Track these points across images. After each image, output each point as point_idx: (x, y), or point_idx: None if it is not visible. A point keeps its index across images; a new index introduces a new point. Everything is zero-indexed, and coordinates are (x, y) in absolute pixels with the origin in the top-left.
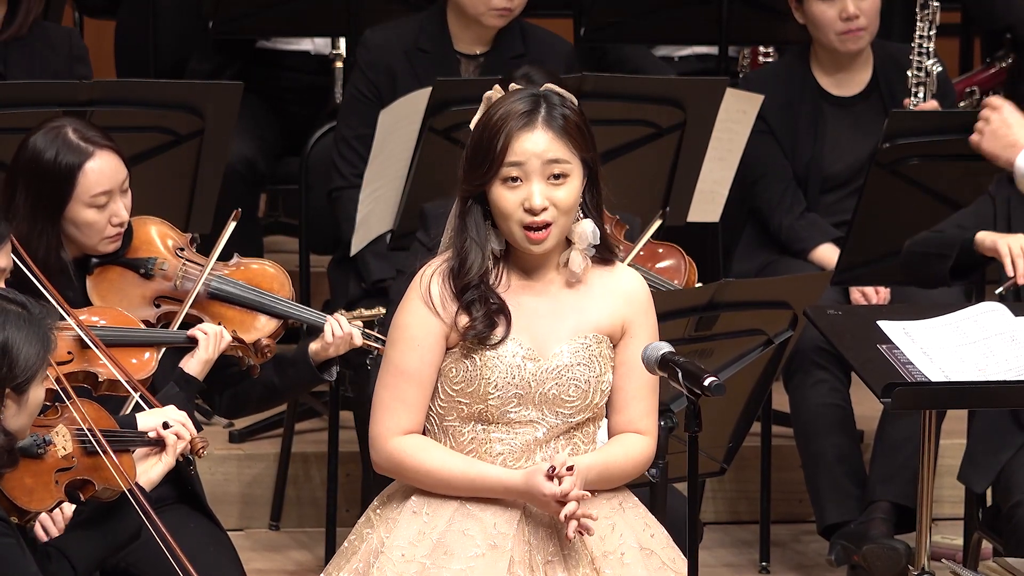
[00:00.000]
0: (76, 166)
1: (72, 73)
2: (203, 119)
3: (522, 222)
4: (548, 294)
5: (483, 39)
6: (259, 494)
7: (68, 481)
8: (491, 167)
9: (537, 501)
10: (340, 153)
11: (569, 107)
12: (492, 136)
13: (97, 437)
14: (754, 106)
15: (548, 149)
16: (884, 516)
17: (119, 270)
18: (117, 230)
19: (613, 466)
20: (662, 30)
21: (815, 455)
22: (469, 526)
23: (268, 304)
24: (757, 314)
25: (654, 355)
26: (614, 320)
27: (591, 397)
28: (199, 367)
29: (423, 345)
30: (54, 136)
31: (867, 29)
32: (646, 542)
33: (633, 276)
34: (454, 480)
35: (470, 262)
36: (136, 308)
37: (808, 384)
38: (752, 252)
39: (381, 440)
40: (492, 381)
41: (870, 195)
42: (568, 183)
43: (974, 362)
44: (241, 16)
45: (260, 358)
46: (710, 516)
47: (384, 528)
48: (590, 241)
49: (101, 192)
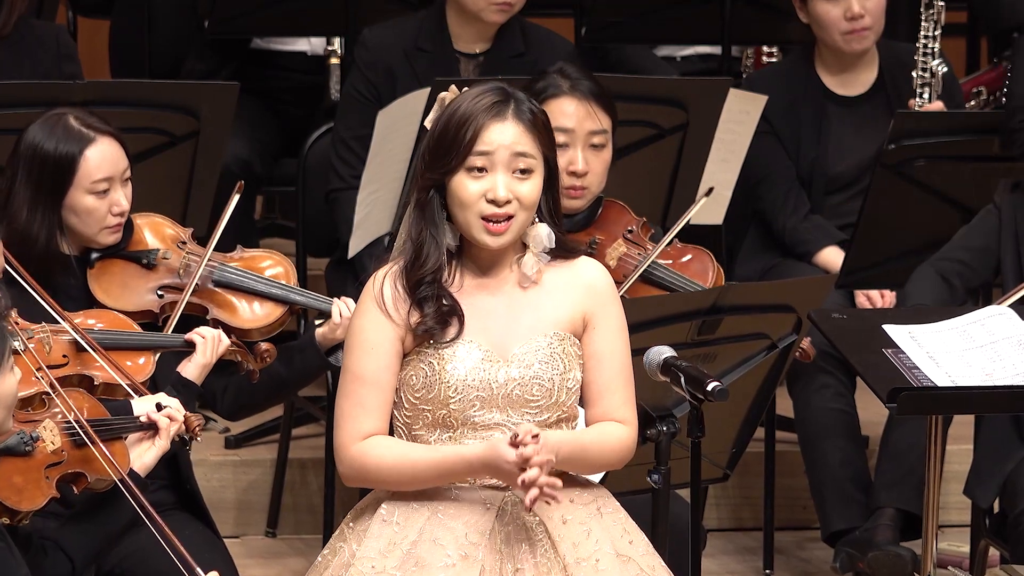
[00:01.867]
0: (77, 152)
1: (61, 71)
2: (198, 120)
3: (482, 213)
4: (503, 293)
5: (483, 37)
6: (255, 500)
7: (59, 476)
8: (458, 155)
9: (501, 472)
10: (338, 154)
11: (536, 105)
12: (460, 125)
13: (85, 428)
14: (757, 107)
15: (517, 141)
16: (889, 523)
17: (121, 263)
18: (118, 220)
19: (588, 445)
20: (664, 30)
21: (819, 461)
22: (440, 535)
23: (273, 290)
24: (761, 318)
25: (656, 359)
26: (574, 314)
27: (556, 395)
28: (197, 371)
29: (379, 350)
30: (54, 123)
31: (872, 29)
32: (623, 548)
33: (593, 266)
34: (418, 469)
35: (425, 254)
36: (139, 299)
37: (812, 389)
38: (755, 255)
39: (344, 448)
40: (451, 385)
41: (875, 197)
42: (532, 179)
43: (981, 367)
44: (237, 16)
45: (259, 363)
46: (713, 523)
47: (355, 540)
48: (545, 245)
49: (102, 178)
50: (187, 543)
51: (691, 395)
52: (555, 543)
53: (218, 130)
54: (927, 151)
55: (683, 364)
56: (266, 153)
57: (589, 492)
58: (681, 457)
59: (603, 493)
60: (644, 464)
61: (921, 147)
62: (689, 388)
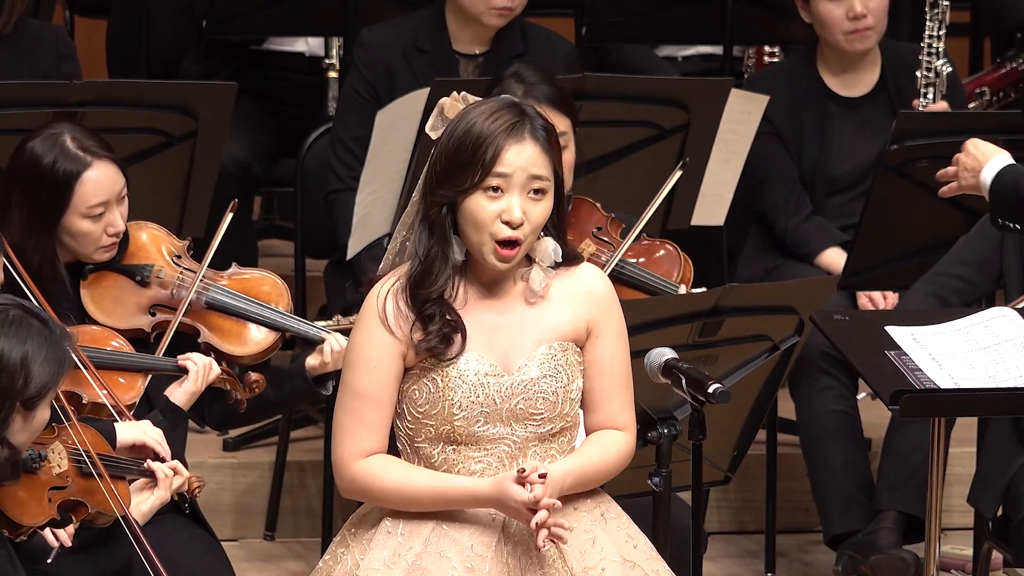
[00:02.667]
0: (73, 176)
1: (60, 72)
2: (196, 120)
3: (496, 235)
4: (507, 307)
5: (483, 38)
6: (254, 503)
7: (61, 500)
8: (476, 176)
9: (508, 509)
10: (336, 155)
11: (546, 120)
12: (477, 146)
13: (93, 460)
14: (759, 107)
15: (534, 163)
16: (892, 526)
17: (114, 276)
18: (112, 240)
19: (590, 469)
20: (665, 29)
21: (821, 463)
22: (446, 547)
23: (265, 316)
24: (762, 319)
25: (657, 361)
26: (576, 323)
27: (560, 407)
28: (185, 398)
29: (380, 366)
30: (52, 143)
31: (875, 28)
32: (629, 554)
33: (594, 273)
34: (421, 496)
35: (435, 273)
36: (131, 316)
37: (814, 391)
38: (757, 256)
39: (345, 465)
40: (456, 402)
41: (878, 198)
42: (544, 200)
43: (984, 368)
44: (235, 16)
45: (248, 393)
46: (714, 526)
47: (359, 549)
48: (552, 260)
49: (98, 203)
50: (185, 549)
51: (692, 397)
52: (562, 552)
53: (216, 131)
54: (930, 152)
55: (684, 366)
56: (264, 154)
57: (592, 499)
58: (682, 460)
59: (605, 499)
60: (645, 467)
61: (924, 148)
62: (690, 390)
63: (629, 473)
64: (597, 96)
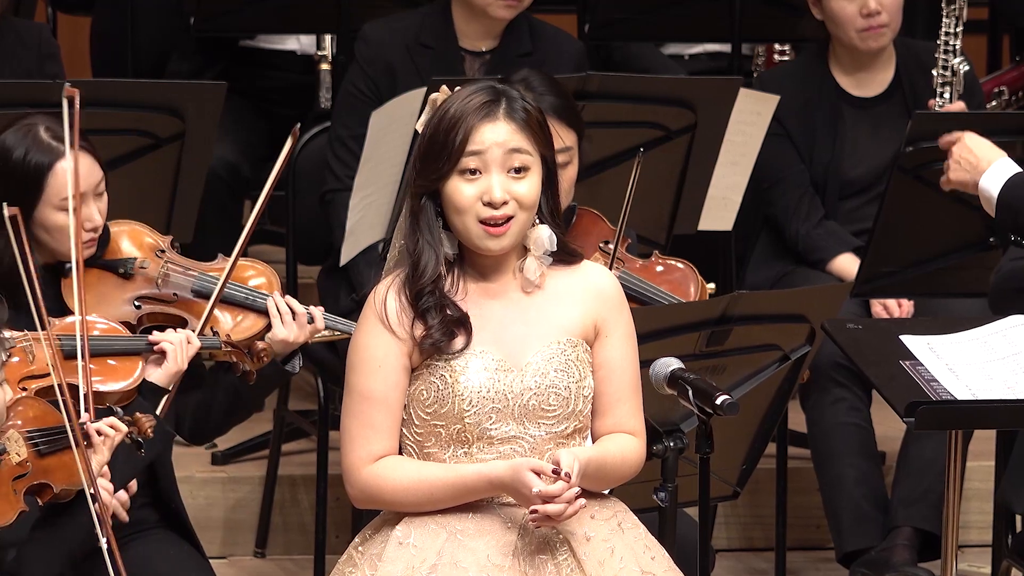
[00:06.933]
0: (45, 166)
1: (43, 71)
2: (184, 121)
3: (479, 216)
4: (508, 300)
5: (490, 34)
6: (244, 519)
7: (26, 488)
8: (449, 159)
9: (519, 496)
10: (335, 154)
11: (530, 103)
12: (450, 128)
13: (76, 433)
14: (769, 107)
15: (509, 139)
16: (907, 542)
17: (96, 272)
18: (90, 235)
19: (610, 461)
20: (671, 27)
21: (834, 478)
22: (462, 557)
23: (253, 300)
24: (772, 328)
25: (663, 372)
26: (585, 321)
27: (573, 404)
28: (167, 378)
29: (385, 367)
30: (24, 134)
31: (889, 26)
32: (647, 565)
33: (601, 272)
34: (436, 490)
35: (423, 264)
36: (116, 310)
37: (826, 402)
38: (767, 262)
39: (355, 471)
40: (465, 398)
41: (892, 202)
42: (528, 177)
43: (1003, 379)
44: (224, 13)
45: (257, 363)
46: (722, 543)
47: (368, 566)
48: (547, 248)
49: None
50: (171, 565)
51: (699, 409)
52: (580, 562)
53: (204, 132)
54: (947, 154)
55: (691, 376)
56: (254, 156)
57: (608, 507)
58: (689, 474)
59: (621, 507)
60: (650, 481)
61: (941, 150)
62: (697, 402)
63: (634, 487)
64: (601, 96)
